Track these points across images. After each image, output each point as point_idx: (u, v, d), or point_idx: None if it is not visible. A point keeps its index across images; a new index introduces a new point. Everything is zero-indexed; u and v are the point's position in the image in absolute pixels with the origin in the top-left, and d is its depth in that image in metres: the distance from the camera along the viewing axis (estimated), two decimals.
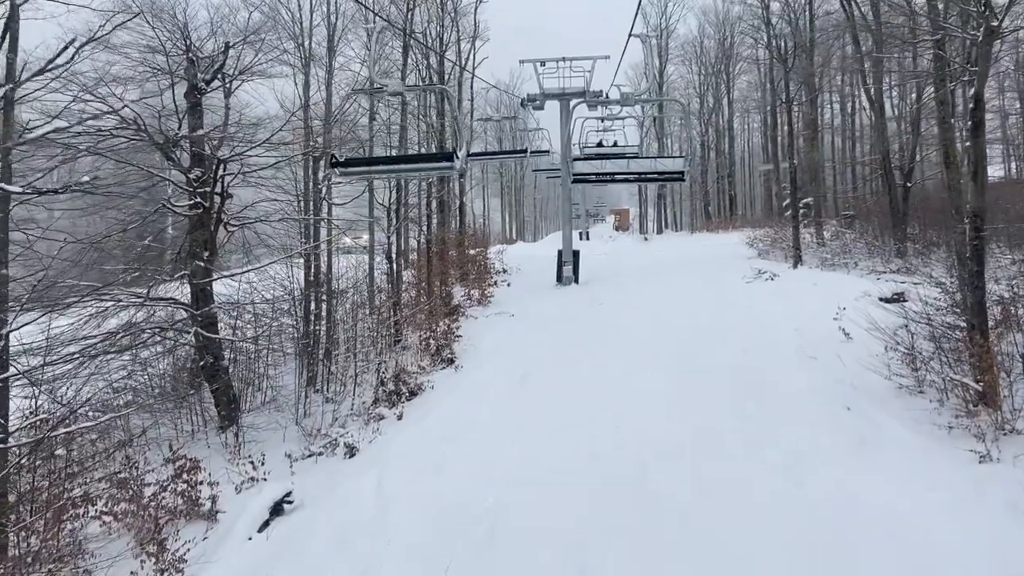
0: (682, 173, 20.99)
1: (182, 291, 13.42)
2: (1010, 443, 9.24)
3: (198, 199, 12.95)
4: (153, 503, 9.31)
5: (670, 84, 49.68)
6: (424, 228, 20.77)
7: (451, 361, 15.28)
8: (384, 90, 12.82)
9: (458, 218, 27.30)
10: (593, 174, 21.75)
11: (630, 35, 20.50)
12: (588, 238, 52.46)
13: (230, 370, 13.89)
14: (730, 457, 9.72)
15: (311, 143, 14.51)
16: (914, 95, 22.16)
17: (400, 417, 12.57)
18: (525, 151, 18.68)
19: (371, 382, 13.93)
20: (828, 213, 26.90)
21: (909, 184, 21.85)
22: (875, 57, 20.86)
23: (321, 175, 14.89)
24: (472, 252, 26.89)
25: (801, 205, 34.75)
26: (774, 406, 11.47)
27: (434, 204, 22.75)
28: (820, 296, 17.99)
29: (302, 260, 16.16)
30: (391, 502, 9.33)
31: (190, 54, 13.72)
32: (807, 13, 23.22)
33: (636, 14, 17.22)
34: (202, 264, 12.34)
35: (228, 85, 16.01)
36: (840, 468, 9.24)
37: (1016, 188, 23.02)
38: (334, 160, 10.72)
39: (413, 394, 13.59)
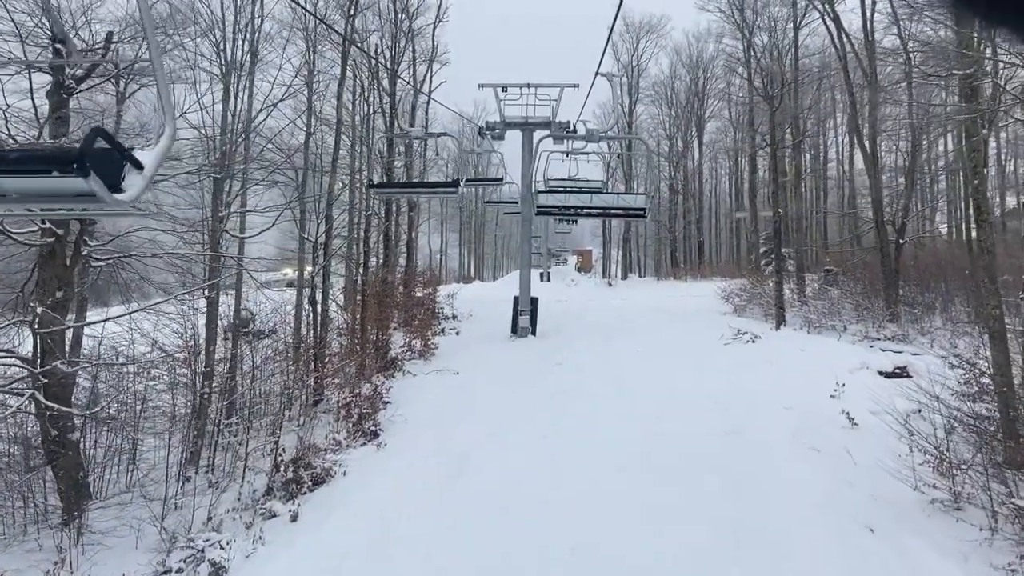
0: (643, 210, 19.57)
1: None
2: None
3: (49, 225, 10.07)
4: None
5: (639, 124, 47.93)
6: (361, 266, 17.96)
7: (374, 435, 12.45)
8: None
9: (405, 255, 24.57)
10: (557, 207, 19.75)
11: (597, 73, 18.52)
12: (549, 279, 50.03)
13: (87, 442, 10.91)
14: None
15: (209, 160, 11.73)
16: (908, 143, 20.34)
17: (294, 518, 9.67)
18: (456, 184, 15.26)
19: (266, 466, 11.00)
20: (803, 266, 24.79)
21: (903, 240, 19.84)
22: (872, 99, 18.94)
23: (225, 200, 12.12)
24: (419, 294, 24.17)
25: (774, 256, 32.88)
26: (775, 521, 8.91)
27: (375, 239, 20.01)
28: (810, 365, 15.68)
29: (204, 304, 13.30)
30: None
31: (56, 44, 10.94)
32: (792, 50, 21.38)
33: (603, 53, 15.15)
34: (38, 308, 9.40)
35: (122, 88, 13.31)
36: None
37: None
38: None
39: (318, 482, 10.70)
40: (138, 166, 3.56)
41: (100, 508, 10.21)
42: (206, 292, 11.95)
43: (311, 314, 15.62)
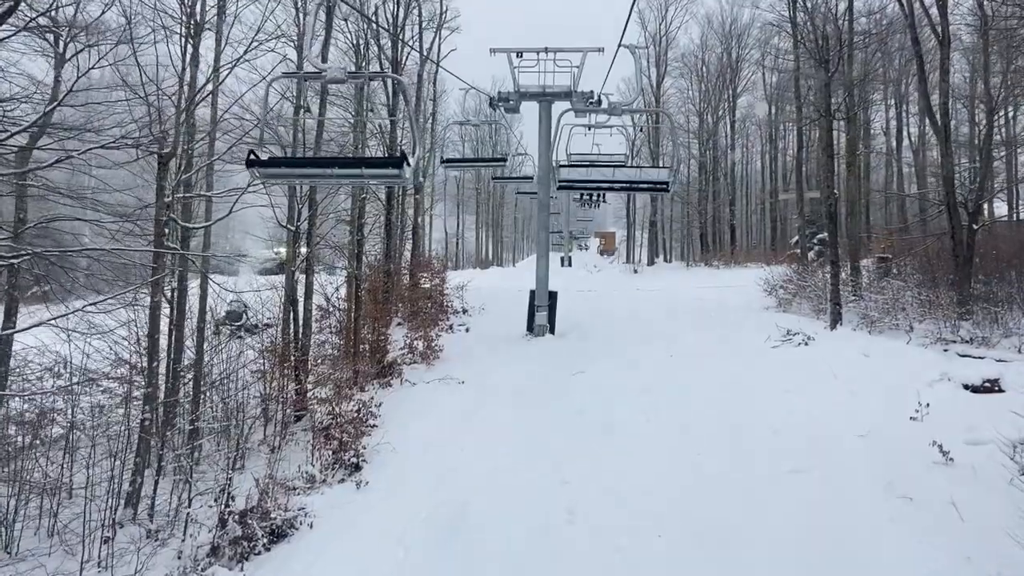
0: (667, 183, 17.50)
1: None
2: None
3: None
4: None
5: (667, 99, 45.03)
6: (354, 258, 15.70)
7: (356, 467, 10.24)
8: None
9: (411, 241, 22.31)
10: (579, 181, 17.74)
11: (620, 45, 16.31)
12: (570, 264, 47.63)
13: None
14: None
15: (150, 134, 9.46)
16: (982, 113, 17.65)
17: None
18: (399, 163, 9.97)
19: (212, 519, 8.81)
20: (857, 254, 22.10)
21: (976, 225, 17.19)
22: (944, 61, 16.24)
23: (171, 183, 9.89)
24: (426, 285, 21.94)
25: (816, 241, 30.17)
26: None
27: (372, 226, 17.74)
28: (879, 375, 13.22)
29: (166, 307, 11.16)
30: None
31: None
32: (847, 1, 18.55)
33: (627, 22, 12.87)
34: None
35: (61, 49, 11.14)
36: None
37: None
38: None
39: (278, 536, 8.52)
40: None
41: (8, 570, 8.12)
42: (146, 294, 9.73)
43: (293, 315, 13.42)
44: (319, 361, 15.54)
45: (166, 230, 9.64)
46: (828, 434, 10.74)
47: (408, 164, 8.00)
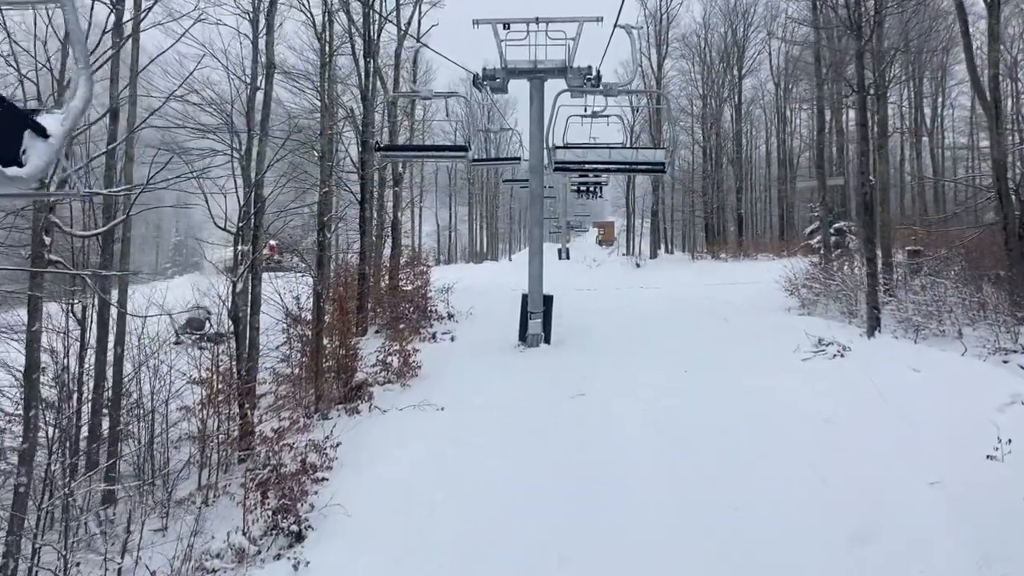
0: (663, 164, 16.78)
1: None
2: None
3: None
4: None
5: (668, 82, 42.63)
6: (315, 266, 13.49)
7: (298, 537, 8.11)
8: None
9: (391, 239, 20.11)
10: (575, 162, 15.94)
11: (616, 25, 14.36)
12: (568, 257, 45.45)
13: None
14: None
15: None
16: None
17: None
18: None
19: None
20: (889, 249, 19.84)
21: None
22: (993, 28, 14.04)
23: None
24: (408, 287, 19.80)
25: (832, 231, 27.93)
26: None
27: (336, 226, 15.55)
28: (937, 399, 11.00)
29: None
30: None
31: None
32: None
33: (623, 3, 11.05)
34: None
35: None
36: None
37: None
38: None
39: None
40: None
41: None
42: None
43: (235, 334, 11.25)
44: (278, 383, 13.44)
45: (46, 238, 7.48)
46: (890, 483, 8.61)
47: (44, 136, 2.61)
